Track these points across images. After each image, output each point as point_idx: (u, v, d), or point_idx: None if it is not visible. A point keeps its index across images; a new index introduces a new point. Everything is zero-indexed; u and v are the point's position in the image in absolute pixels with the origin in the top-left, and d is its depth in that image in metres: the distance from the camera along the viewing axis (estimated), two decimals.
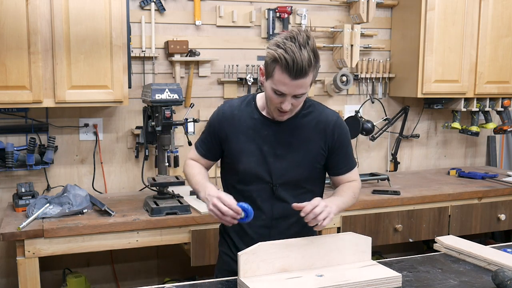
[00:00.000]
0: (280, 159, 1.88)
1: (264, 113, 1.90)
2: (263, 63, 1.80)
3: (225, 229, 2.03)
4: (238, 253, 1.68)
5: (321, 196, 1.99)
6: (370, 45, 3.65)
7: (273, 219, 1.92)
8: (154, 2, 3.16)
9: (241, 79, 3.37)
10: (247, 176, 1.90)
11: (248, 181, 1.91)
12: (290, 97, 1.74)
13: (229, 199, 1.73)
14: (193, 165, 2.02)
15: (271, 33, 3.41)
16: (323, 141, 1.91)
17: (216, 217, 1.75)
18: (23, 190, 2.78)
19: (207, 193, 1.81)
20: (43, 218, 2.58)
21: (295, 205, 1.75)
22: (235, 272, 1.76)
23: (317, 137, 1.90)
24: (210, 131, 1.97)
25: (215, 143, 1.96)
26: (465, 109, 3.73)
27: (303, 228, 1.87)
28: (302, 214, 1.71)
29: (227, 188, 2.00)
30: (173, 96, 2.72)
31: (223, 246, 2.06)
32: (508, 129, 3.82)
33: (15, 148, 2.90)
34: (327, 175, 2.05)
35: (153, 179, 2.84)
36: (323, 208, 1.71)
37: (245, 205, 1.74)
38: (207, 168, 2.04)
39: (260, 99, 1.94)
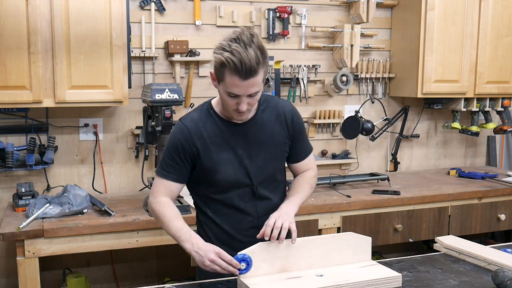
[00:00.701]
0: (255, 159, 1.90)
1: (225, 117, 1.89)
2: (213, 68, 1.79)
3: (210, 240, 1.95)
4: (238, 253, 1.68)
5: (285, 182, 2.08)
6: (370, 45, 3.65)
7: (259, 217, 1.93)
8: (154, 2, 3.16)
9: None
10: (227, 185, 1.89)
11: (228, 189, 1.90)
12: (245, 97, 1.74)
13: (227, 255, 1.69)
14: (166, 204, 1.89)
15: (271, 33, 3.41)
16: (286, 131, 1.96)
17: (211, 270, 1.71)
18: (23, 190, 2.78)
19: (196, 246, 1.74)
20: (43, 218, 2.58)
21: (259, 236, 1.79)
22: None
23: (280, 128, 1.95)
24: (178, 152, 1.86)
25: (186, 163, 1.87)
26: (465, 109, 3.73)
27: None
28: (265, 238, 1.75)
29: (202, 201, 1.97)
30: (173, 96, 2.72)
31: None
32: (508, 129, 3.82)
33: (15, 148, 2.90)
34: None
35: (153, 179, 2.83)
36: (281, 220, 1.77)
37: (245, 255, 1.69)
38: (177, 196, 1.96)
39: (216, 105, 1.92)
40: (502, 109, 3.79)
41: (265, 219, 1.90)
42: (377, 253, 3.68)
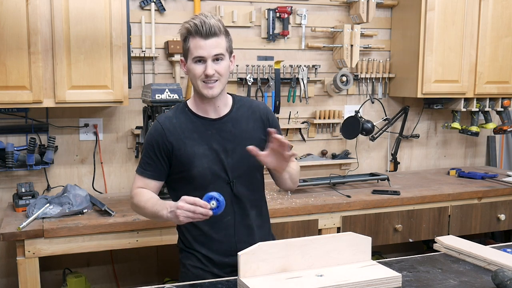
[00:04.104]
0: (231, 153, 1.93)
1: (200, 114, 1.94)
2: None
3: (189, 243, 1.99)
4: (238, 253, 1.68)
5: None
6: (370, 45, 3.65)
7: (236, 217, 1.95)
8: (154, 2, 3.16)
9: (241, 79, 3.37)
10: (204, 179, 1.91)
11: (205, 185, 1.91)
12: (210, 61, 1.83)
13: (191, 197, 1.72)
14: (141, 192, 1.94)
15: (271, 33, 3.41)
16: (262, 128, 2.00)
17: (189, 220, 1.74)
18: (23, 190, 2.78)
19: (169, 208, 1.77)
20: (43, 218, 2.58)
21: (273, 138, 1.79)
22: None
23: (256, 126, 1.99)
24: (153, 149, 1.92)
25: (162, 160, 1.92)
26: (465, 109, 3.73)
27: (262, 220, 2.02)
28: (274, 137, 1.77)
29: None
30: (173, 96, 2.73)
31: (190, 259, 2.00)
32: (508, 129, 3.82)
33: (15, 148, 2.90)
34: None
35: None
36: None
37: (213, 193, 1.72)
38: (157, 193, 1.98)
39: (191, 103, 1.98)
40: (502, 109, 3.79)
41: (242, 219, 1.96)
42: (377, 253, 3.68)
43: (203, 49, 1.82)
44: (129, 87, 2.91)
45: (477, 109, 3.74)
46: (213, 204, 1.71)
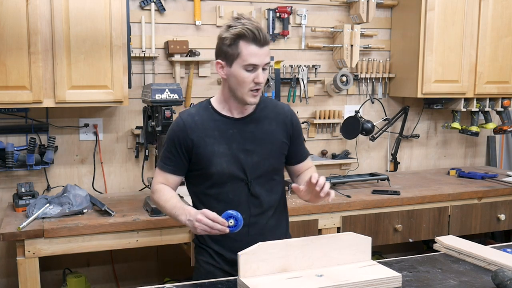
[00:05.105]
0: (250, 154, 1.93)
1: (223, 113, 1.94)
2: (217, 56, 1.88)
3: (203, 239, 2.01)
4: (238, 253, 1.68)
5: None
6: (370, 45, 3.65)
7: (251, 216, 1.95)
8: (154, 2, 3.16)
9: None
10: (222, 178, 1.91)
11: (223, 183, 1.92)
12: (261, 69, 1.82)
13: (212, 212, 1.74)
14: (163, 189, 1.96)
15: (271, 33, 3.41)
16: (285, 131, 2.00)
17: (205, 233, 1.76)
18: (23, 190, 2.78)
19: (188, 215, 1.79)
20: (43, 218, 2.58)
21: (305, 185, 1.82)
22: None
23: (279, 128, 1.98)
24: (174, 144, 1.93)
25: (182, 155, 1.93)
26: (465, 109, 3.73)
27: (277, 221, 2.02)
28: (313, 181, 1.78)
29: (197, 197, 1.99)
30: (173, 96, 2.72)
31: (203, 255, 2.03)
32: (508, 129, 3.82)
33: (15, 148, 2.90)
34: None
35: (153, 178, 2.83)
36: (324, 179, 1.81)
37: (233, 212, 1.75)
38: (176, 188, 2.01)
39: (215, 101, 1.98)
40: (502, 109, 3.79)
41: (257, 218, 1.96)
42: (377, 253, 3.68)
43: (258, 57, 1.79)
44: (129, 87, 2.91)
45: (477, 109, 3.74)
46: (231, 222, 1.75)
